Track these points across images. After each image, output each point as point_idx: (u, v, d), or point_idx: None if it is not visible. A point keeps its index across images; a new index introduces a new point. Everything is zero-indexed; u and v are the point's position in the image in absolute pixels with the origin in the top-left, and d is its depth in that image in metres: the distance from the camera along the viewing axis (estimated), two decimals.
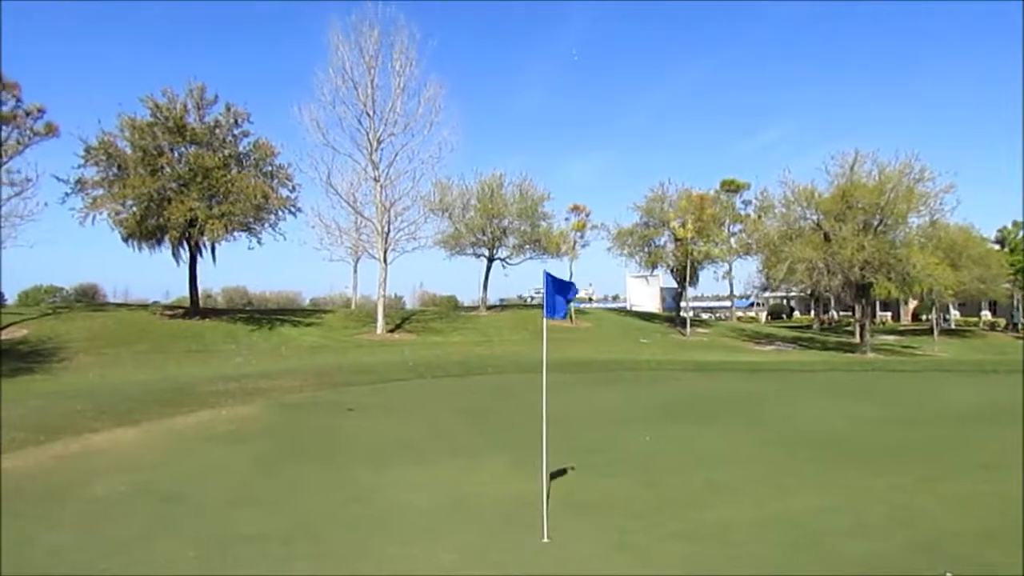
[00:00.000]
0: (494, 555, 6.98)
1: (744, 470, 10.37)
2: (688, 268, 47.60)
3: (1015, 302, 63.53)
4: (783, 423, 14.21)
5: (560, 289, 7.80)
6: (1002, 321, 66.71)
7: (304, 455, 11.30)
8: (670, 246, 48.95)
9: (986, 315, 70.16)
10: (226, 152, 35.19)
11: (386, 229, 38.62)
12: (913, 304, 71.36)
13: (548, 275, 7.68)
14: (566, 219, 51.25)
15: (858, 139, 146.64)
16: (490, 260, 47.40)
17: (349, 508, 8.55)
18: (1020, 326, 62.30)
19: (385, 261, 38.60)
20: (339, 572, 6.56)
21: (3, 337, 27.27)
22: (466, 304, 60.15)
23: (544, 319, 8.31)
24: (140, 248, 35.60)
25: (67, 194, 33.38)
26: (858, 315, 43.83)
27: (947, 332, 55.92)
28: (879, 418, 15.01)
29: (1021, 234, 63.77)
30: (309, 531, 7.74)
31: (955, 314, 70.03)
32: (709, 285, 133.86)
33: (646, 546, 7.23)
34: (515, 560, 6.85)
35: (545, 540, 7.28)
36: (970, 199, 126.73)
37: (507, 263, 47.86)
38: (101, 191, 33.32)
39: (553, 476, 8.93)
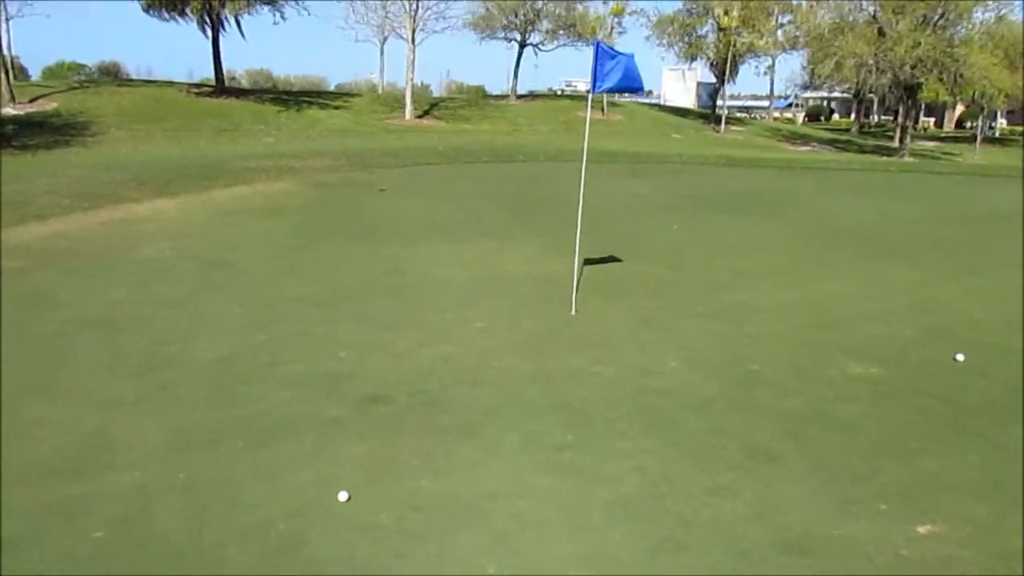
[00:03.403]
0: (524, 323, 7.37)
1: (770, 259, 10.56)
2: (729, 61, 45.07)
3: None
4: (813, 217, 14.19)
5: (612, 61, 6.95)
6: None
7: (340, 231, 11.60)
8: (712, 36, 46.09)
9: None
10: None
11: (414, 6, 36.58)
12: (959, 110, 67.74)
13: (599, 44, 7.22)
14: (604, 1, 47.99)
15: None
16: (522, 46, 45.00)
17: (386, 279, 8.93)
18: None
19: (413, 42, 36.93)
20: (378, 332, 6.98)
21: (34, 109, 27.17)
22: (494, 94, 58.06)
23: (589, 96, 8.05)
24: (161, 16, 34.20)
25: None
26: (901, 118, 41.90)
27: (990, 140, 53.54)
28: (911, 217, 14.91)
29: None
30: (350, 297, 8.16)
31: (1001, 122, 66.55)
32: (748, 83, 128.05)
33: (669, 322, 7.56)
34: (544, 327, 7.23)
35: (573, 313, 7.63)
36: None
37: (540, 49, 45.47)
38: None
39: (587, 263, 9.11)
